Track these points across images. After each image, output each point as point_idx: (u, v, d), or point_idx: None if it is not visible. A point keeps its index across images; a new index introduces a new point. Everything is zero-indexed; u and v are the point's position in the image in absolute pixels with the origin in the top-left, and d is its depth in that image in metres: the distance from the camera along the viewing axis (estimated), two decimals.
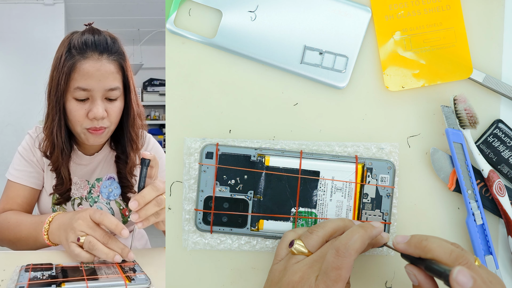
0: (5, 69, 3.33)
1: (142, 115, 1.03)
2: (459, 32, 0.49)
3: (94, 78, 0.89)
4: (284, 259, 0.45)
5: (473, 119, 0.48)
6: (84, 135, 0.94)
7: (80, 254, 0.73)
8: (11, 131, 3.20)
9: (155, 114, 4.65)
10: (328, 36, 0.49)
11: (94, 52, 0.90)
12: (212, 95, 0.51)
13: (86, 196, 1.03)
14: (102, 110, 0.91)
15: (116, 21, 3.74)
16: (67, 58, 0.90)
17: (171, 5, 0.49)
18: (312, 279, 0.42)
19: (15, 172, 1.02)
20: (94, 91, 0.90)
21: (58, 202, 1.01)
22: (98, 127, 0.92)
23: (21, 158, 1.02)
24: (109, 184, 1.04)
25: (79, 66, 0.89)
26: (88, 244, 0.73)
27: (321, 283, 0.41)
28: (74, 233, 0.74)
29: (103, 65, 0.90)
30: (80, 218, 0.75)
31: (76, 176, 1.03)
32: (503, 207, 0.49)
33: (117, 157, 1.03)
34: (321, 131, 0.51)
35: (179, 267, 0.51)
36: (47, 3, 3.37)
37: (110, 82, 0.91)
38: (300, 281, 0.42)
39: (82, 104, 0.91)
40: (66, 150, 0.96)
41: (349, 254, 0.41)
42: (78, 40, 0.91)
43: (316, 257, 0.44)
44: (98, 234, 0.74)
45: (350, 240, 0.41)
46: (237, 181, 0.49)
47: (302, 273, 0.42)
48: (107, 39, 0.93)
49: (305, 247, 0.45)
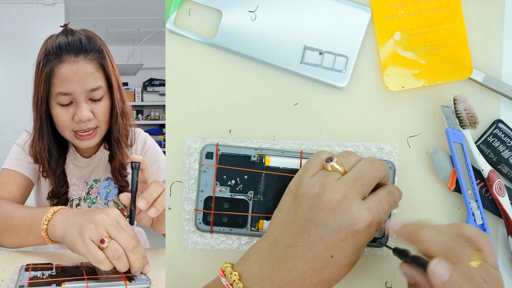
0: (5, 69, 3.33)
1: (129, 112, 1.00)
2: (459, 32, 0.49)
3: (73, 81, 0.87)
4: (318, 174, 0.43)
5: (473, 119, 0.48)
6: (73, 140, 0.93)
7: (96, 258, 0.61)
8: (11, 131, 3.20)
9: (155, 114, 4.65)
10: (328, 36, 0.49)
11: (69, 55, 0.88)
12: (212, 95, 0.51)
13: (85, 197, 1.02)
14: (87, 112, 0.89)
15: (116, 21, 3.74)
16: (45, 64, 0.88)
17: (171, 5, 0.49)
18: (358, 199, 0.40)
19: (11, 160, 0.98)
20: (75, 94, 0.88)
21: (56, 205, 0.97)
22: (85, 128, 0.90)
23: (18, 149, 0.99)
24: (107, 184, 1.03)
25: (57, 71, 0.87)
26: (114, 252, 0.60)
27: (371, 201, 0.41)
28: (95, 229, 0.62)
29: (80, 66, 0.88)
30: (104, 213, 0.64)
31: (74, 177, 1.02)
32: (503, 207, 0.49)
33: (110, 156, 1.01)
34: (321, 131, 0.51)
35: (179, 267, 0.51)
36: (47, 3, 3.37)
37: (90, 83, 0.88)
38: (343, 200, 0.40)
39: (67, 108, 0.89)
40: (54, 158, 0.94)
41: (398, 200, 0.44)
42: (53, 44, 0.89)
43: (356, 177, 0.42)
44: (124, 238, 0.62)
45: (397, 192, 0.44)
46: (237, 181, 0.49)
47: (345, 191, 0.40)
48: (81, 38, 0.90)
49: (342, 165, 0.43)
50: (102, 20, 3.70)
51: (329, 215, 0.40)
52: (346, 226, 0.39)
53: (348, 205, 0.40)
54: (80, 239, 0.62)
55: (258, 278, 0.41)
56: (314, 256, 0.40)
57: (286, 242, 0.41)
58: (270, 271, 0.41)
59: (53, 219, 0.71)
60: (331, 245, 0.39)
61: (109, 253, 0.61)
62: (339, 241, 0.39)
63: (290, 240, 0.41)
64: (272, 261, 0.41)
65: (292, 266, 0.40)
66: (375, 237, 0.49)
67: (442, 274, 0.35)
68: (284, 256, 0.41)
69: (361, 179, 0.41)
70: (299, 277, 0.40)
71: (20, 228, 0.77)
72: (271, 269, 0.41)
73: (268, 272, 0.41)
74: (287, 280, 0.40)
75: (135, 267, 0.62)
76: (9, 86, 3.30)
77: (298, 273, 0.40)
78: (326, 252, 0.39)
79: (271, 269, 0.41)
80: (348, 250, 0.39)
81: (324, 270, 0.40)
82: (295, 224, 0.41)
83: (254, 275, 0.41)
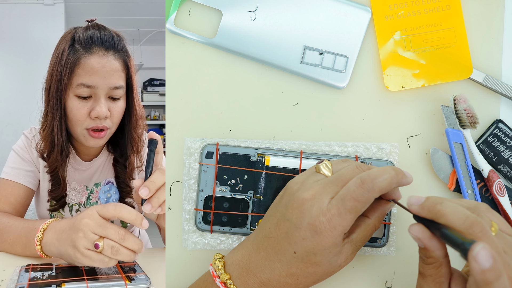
0: (5, 69, 3.33)
1: (143, 116, 0.99)
2: (459, 32, 0.49)
3: (99, 75, 0.85)
4: (306, 173, 0.43)
5: (473, 119, 0.48)
6: (84, 137, 0.90)
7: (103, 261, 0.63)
8: (11, 131, 3.19)
9: (155, 114, 4.65)
10: (328, 36, 0.49)
11: (100, 48, 0.86)
12: (212, 95, 0.51)
13: (85, 202, 1.00)
14: (106, 109, 0.87)
15: (116, 21, 3.74)
16: (71, 52, 0.86)
17: (171, 5, 0.49)
18: (325, 200, 0.40)
19: (10, 170, 0.96)
20: (98, 88, 0.86)
21: (54, 209, 0.97)
22: (100, 126, 0.88)
23: (16, 156, 0.97)
24: (108, 189, 1.01)
25: (84, 61, 0.85)
26: (111, 250, 0.63)
27: (334, 208, 0.39)
28: (85, 237, 0.63)
29: (109, 61, 0.86)
30: (85, 217, 0.64)
31: (74, 181, 0.99)
32: (503, 207, 0.49)
33: (115, 160, 0.99)
34: (321, 131, 0.51)
35: (179, 267, 0.51)
36: (47, 3, 3.37)
37: (115, 80, 0.87)
38: (311, 199, 0.40)
39: (85, 102, 0.87)
40: (66, 150, 0.92)
41: (373, 190, 0.39)
42: (84, 34, 0.87)
43: (333, 178, 0.41)
44: (112, 233, 0.63)
45: (379, 177, 0.39)
46: (237, 181, 0.49)
47: (315, 191, 0.40)
48: (113, 35, 0.90)
49: (331, 170, 0.42)
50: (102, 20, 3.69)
51: (295, 212, 0.40)
52: (305, 225, 0.40)
53: (311, 205, 0.40)
54: (78, 253, 0.64)
55: (238, 265, 0.43)
56: (281, 249, 0.41)
57: (264, 232, 0.43)
58: (248, 259, 0.42)
59: (44, 239, 0.71)
60: (293, 242, 0.40)
61: (107, 253, 0.63)
62: (300, 238, 0.40)
63: (267, 231, 0.42)
64: (252, 249, 0.43)
65: (265, 256, 0.42)
66: (375, 237, 0.49)
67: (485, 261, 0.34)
68: (260, 245, 0.42)
69: (337, 181, 0.41)
70: (269, 267, 0.41)
71: (16, 243, 0.78)
72: (250, 256, 0.42)
73: (247, 260, 0.42)
74: (260, 268, 0.41)
75: (136, 250, 0.64)
76: (9, 86, 3.30)
77: (268, 263, 0.41)
78: (289, 247, 0.40)
79: (249, 256, 0.42)
80: (309, 249, 0.40)
81: (290, 265, 0.41)
82: (273, 217, 0.43)
83: (236, 262, 0.43)
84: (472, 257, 0.34)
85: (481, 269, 0.34)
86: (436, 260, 0.40)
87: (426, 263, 0.40)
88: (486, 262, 0.33)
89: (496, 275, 0.34)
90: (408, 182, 0.41)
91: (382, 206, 0.44)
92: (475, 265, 0.34)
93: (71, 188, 0.99)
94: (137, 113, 0.95)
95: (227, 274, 0.42)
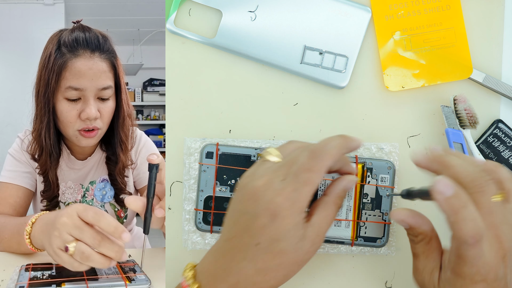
0: (5, 69, 3.33)
1: (132, 115, 1.00)
2: (459, 32, 0.49)
3: (86, 77, 0.86)
4: (255, 165, 0.42)
5: (473, 119, 0.48)
6: (76, 138, 0.92)
7: (72, 264, 0.61)
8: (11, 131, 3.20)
9: (155, 114, 4.65)
10: (328, 36, 0.49)
11: (85, 50, 0.87)
12: (212, 95, 0.51)
13: (80, 200, 1.01)
14: (95, 110, 0.88)
15: (116, 21, 3.74)
16: (57, 56, 0.86)
17: (171, 5, 0.49)
18: (278, 182, 0.38)
19: (7, 173, 0.97)
20: (86, 90, 0.87)
21: (47, 209, 0.98)
22: (91, 127, 0.89)
23: (12, 159, 0.98)
24: (103, 186, 1.02)
25: (71, 64, 0.86)
26: (81, 255, 0.60)
27: (288, 185, 0.38)
28: (59, 236, 0.61)
29: (96, 63, 0.87)
30: (64, 215, 0.61)
31: (70, 180, 1.00)
32: None
33: (107, 158, 1.00)
34: (321, 131, 0.51)
35: (179, 267, 0.51)
36: (47, 3, 3.38)
37: (102, 81, 0.88)
38: (264, 185, 0.39)
39: (74, 104, 0.88)
40: (55, 153, 0.93)
41: (324, 157, 0.38)
42: (68, 37, 0.88)
43: (284, 162, 0.40)
44: (88, 236, 0.60)
45: (327, 145, 0.39)
46: (237, 181, 0.49)
47: (267, 178, 0.39)
48: (99, 36, 0.90)
49: (279, 155, 0.41)
50: (102, 20, 3.70)
51: (249, 203, 0.39)
52: (262, 212, 0.38)
53: (264, 190, 0.38)
54: (51, 250, 0.62)
55: (207, 272, 0.41)
56: (244, 245, 0.39)
57: (226, 234, 0.41)
58: (215, 266, 0.41)
59: (33, 232, 0.70)
60: (254, 232, 0.38)
61: (77, 258, 0.60)
62: (260, 227, 0.38)
63: (228, 233, 0.41)
64: (218, 255, 0.41)
65: (230, 258, 0.40)
66: (375, 237, 0.49)
67: (445, 188, 0.34)
68: (224, 249, 0.41)
69: (288, 163, 0.40)
70: (236, 268, 0.39)
71: (11, 240, 0.78)
72: (216, 262, 0.41)
73: (215, 267, 0.41)
74: (227, 272, 0.40)
75: (113, 257, 0.61)
76: (9, 86, 3.30)
77: (235, 264, 0.39)
78: (251, 240, 0.39)
79: (216, 262, 0.41)
80: (271, 236, 0.38)
81: (256, 260, 0.39)
82: (230, 216, 0.41)
83: (204, 270, 0.41)
84: (435, 190, 0.34)
85: (444, 197, 0.34)
86: (425, 235, 0.41)
87: (416, 242, 0.42)
88: (447, 188, 0.34)
89: (462, 202, 0.34)
90: (357, 145, 0.41)
91: (337, 181, 0.43)
92: (438, 196, 0.34)
93: (66, 187, 1.00)
94: (124, 112, 0.95)
95: (197, 283, 0.41)
